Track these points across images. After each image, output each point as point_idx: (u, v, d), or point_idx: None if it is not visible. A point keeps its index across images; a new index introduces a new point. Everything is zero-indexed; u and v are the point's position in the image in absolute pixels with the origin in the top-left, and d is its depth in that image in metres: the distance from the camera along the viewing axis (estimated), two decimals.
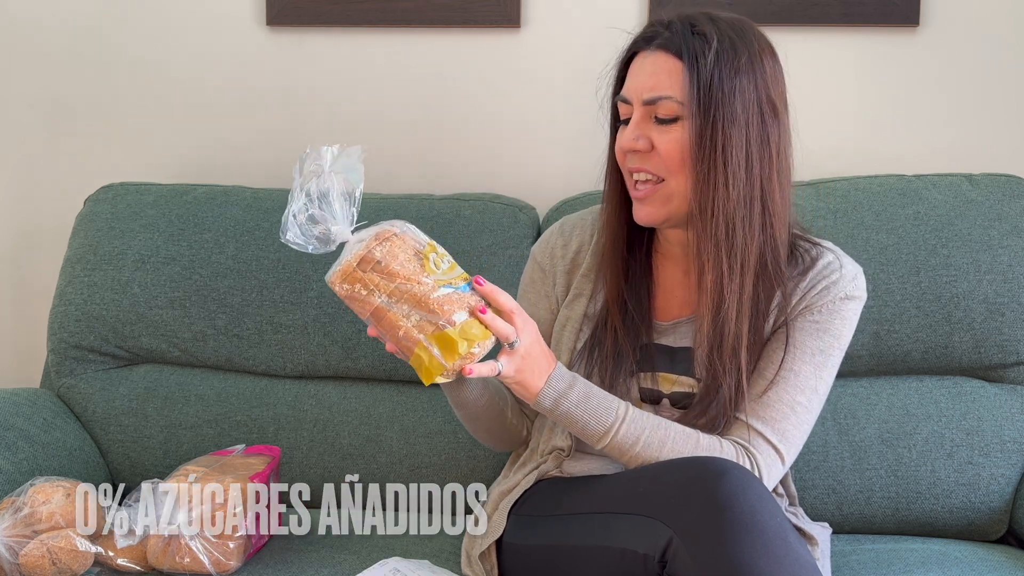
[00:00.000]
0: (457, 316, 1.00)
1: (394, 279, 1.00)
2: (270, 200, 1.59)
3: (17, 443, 1.38)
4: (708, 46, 1.09)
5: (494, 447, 1.30)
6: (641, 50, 1.14)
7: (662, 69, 1.11)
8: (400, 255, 1.01)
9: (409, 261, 1.01)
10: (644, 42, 1.14)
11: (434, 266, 1.01)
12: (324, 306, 1.52)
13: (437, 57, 1.71)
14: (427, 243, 1.04)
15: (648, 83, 1.11)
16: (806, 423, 1.13)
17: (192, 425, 1.52)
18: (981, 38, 1.63)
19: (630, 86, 1.14)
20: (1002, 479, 1.39)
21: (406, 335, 1.00)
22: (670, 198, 1.12)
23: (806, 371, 1.12)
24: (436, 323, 0.99)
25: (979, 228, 1.43)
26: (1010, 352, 1.42)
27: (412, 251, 1.02)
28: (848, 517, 1.41)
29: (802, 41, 1.65)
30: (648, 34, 1.14)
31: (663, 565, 0.97)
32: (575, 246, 1.27)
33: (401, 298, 1.00)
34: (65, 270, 1.59)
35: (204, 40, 1.75)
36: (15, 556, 1.13)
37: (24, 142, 1.82)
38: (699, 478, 0.98)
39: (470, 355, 1.00)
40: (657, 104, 1.10)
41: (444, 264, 1.03)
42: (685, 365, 1.18)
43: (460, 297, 1.01)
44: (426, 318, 0.99)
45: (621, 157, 1.16)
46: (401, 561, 1.20)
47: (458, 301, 1.00)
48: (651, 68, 1.12)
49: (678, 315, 1.21)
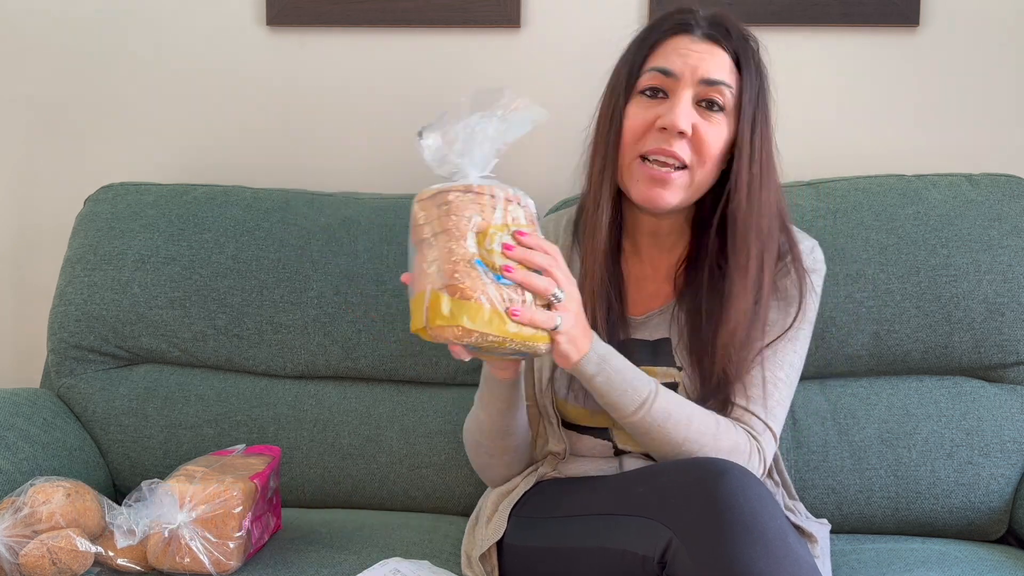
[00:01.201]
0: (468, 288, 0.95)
1: (445, 225, 0.96)
2: (270, 200, 1.59)
3: (17, 443, 1.38)
4: (752, 49, 1.14)
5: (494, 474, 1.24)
6: (684, 33, 1.13)
7: (716, 58, 1.11)
8: (469, 213, 0.96)
9: (470, 223, 0.96)
10: (685, 27, 1.13)
11: (488, 244, 0.96)
12: (324, 306, 1.52)
13: (437, 57, 1.72)
14: (506, 226, 0.98)
15: (706, 66, 1.11)
16: (787, 398, 1.17)
17: (192, 425, 1.52)
18: (981, 38, 1.63)
19: (683, 62, 1.11)
20: (1002, 479, 1.39)
21: (420, 275, 0.98)
22: (689, 187, 1.13)
23: (782, 347, 1.16)
24: (444, 282, 0.95)
25: (979, 228, 1.43)
26: (1010, 352, 1.42)
27: (484, 218, 0.97)
28: (848, 517, 1.41)
29: (802, 41, 1.65)
30: (688, 20, 1.13)
31: (663, 566, 0.97)
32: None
33: (438, 244, 0.97)
34: (65, 270, 1.59)
35: (204, 40, 1.76)
36: (15, 556, 1.13)
37: (24, 142, 1.82)
38: (699, 479, 0.98)
39: (453, 330, 0.95)
40: (716, 87, 1.10)
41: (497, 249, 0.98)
42: (666, 357, 1.18)
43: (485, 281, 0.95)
44: (441, 273, 0.96)
45: (649, 134, 1.12)
46: (401, 562, 1.20)
47: (478, 280, 0.95)
48: (705, 53, 1.11)
49: (648, 308, 1.22)
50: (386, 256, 1.52)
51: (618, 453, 1.20)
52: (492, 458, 1.21)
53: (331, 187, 1.70)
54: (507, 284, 0.96)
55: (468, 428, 1.23)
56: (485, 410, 1.16)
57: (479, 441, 1.21)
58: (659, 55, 1.13)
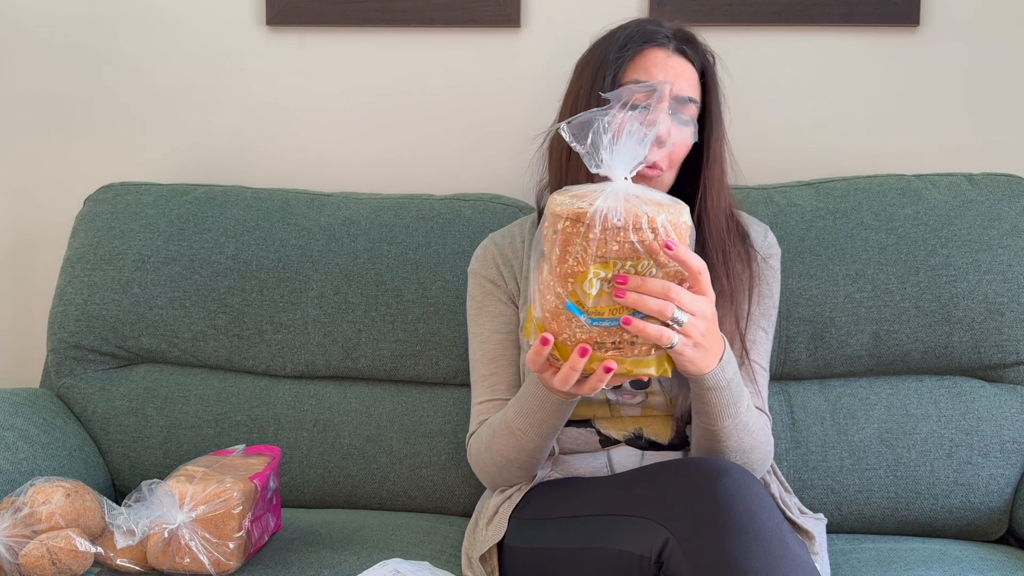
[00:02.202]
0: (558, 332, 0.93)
1: (552, 254, 0.93)
2: (270, 200, 1.59)
3: (17, 443, 1.38)
4: (711, 62, 1.21)
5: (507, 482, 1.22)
6: (658, 47, 1.18)
7: (686, 73, 1.18)
8: (574, 251, 0.91)
9: (569, 261, 0.91)
10: (658, 41, 1.18)
11: (587, 287, 0.92)
12: (324, 306, 1.52)
13: (437, 57, 1.72)
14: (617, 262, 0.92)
15: (681, 83, 1.17)
16: (767, 381, 1.24)
17: (192, 425, 1.52)
18: (981, 38, 1.63)
19: (663, 75, 1.16)
20: (1001, 479, 1.39)
21: (534, 284, 0.97)
22: (663, 188, 1.19)
23: (759, 336, 1.23)
24: (541, 315, 0.95)
25: (979, 228, 1.43)
26: (1010, 352, 1.42)
27: (588, 255, 0.91)
28: (847, 517, 1.41)
29: (802, 41, 1.65)
30: (659, 33, 1.18)
31: (660, 566, 0.97)
32: (510, 254, 1.28)
33: (544, 271, 0.95)
34: (65, 270, 1.59)
35: (204, 40, 1.76)
36: (15, 556, 1.13)
37: (24, 142, 1.82)
38: (697, 479, 0.98)
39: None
40: (686, 105, 1.17)
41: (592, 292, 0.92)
42: None
43: (574, 328, 0.93)
44: (542, 304, 0.95)
45: None
46: (401, 562, 1.20)
47: (567, 326, 0.93)
48: (678, 68, 1.18)
49: None
50: (386, 256, 1.52)
51: (604, 443, 1.21)
52: (523, 472, 1.18)
53: (331, 187, 1.70)
54: (605, 325, 0.92)
55: (496, 447, 1.17)
56: (536, 429, 1.12)
57: (513, 459, 1.16)
58: (637, 68, 1.17)
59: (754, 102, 1.65)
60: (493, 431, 1.18)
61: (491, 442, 1.18)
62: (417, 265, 1.51)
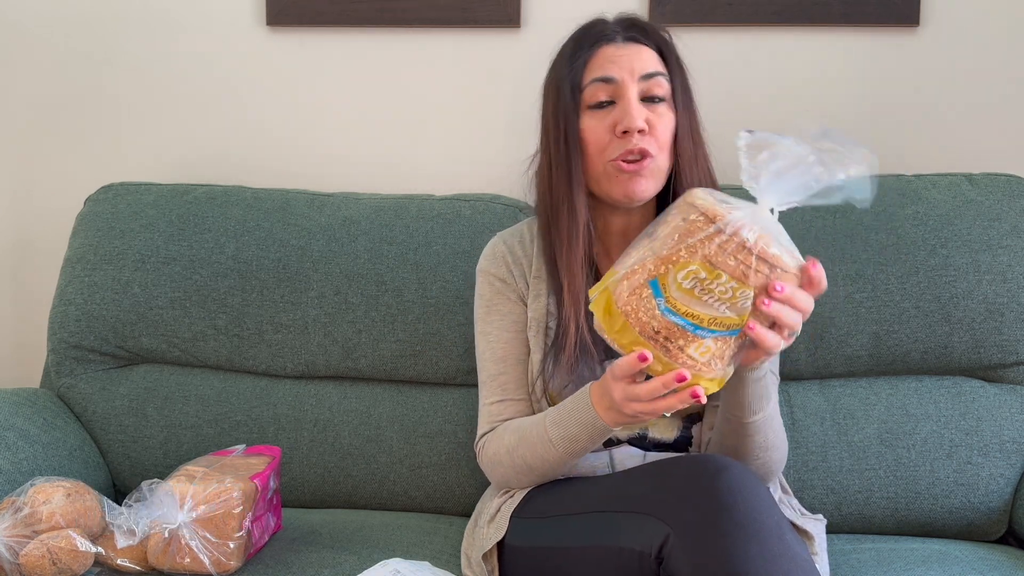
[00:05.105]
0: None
1: (678, 238, 0.92)
2: (270, 200, 1.59)
3: (17, 443, 1.38)
4: (666, 39, 1.22)
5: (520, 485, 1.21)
6: (607, 43, 1.19)
7: (643, 54, 1.19)
8: (694, 242, 0.90)
9: (690, 251, 0.90)
10: (606, 38, 1.20)
11: (679, 277, 0.91)
12: (324, 306, 1.52)
13: (437, 57, 1.72)
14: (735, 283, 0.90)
15: (640, 63, 1.18)
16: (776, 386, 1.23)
17: (192, 425, 1.53)
18: (981, 38, 1.63)
19: (618, 67, 1.17)
20: (1001, 479, 1.39)
21: (631, 257, 0.96)
22: (656, 173, 1.19)
23: None
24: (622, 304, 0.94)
25: (979, 228, 1.43)
26: (1009, 352, 1.43)
27: (705, 260, 0.90)
28: (847, 517, 1.41)
29: (802, 41, 1.65)
30: (605, 31, 1.21)
31: (659, 562, 0.97)
32: (520, 252, 1.28)
33: (659, 246, 0.93)
34: (65, 270, 1.59)
35: (204, 40, 1.76)
36: (15, 556, 1.13)
37: (24, 142, 1.82)
38: (697, 475, 0.99)
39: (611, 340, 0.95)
40: (654, 79, 1.18)
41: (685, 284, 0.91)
42: None
43: (644, 299, 0.93)
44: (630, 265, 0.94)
45: (612, 141, 1.17)
46: (402, 562, 1.20)
47: (639, 298, 0.93)
48: (633, 53, 1.18)
49: None
50: (386, 256, 1.52)
51: (607, 443, 1.21)
52: (540, 480, 1.18)
53: (331, 187, 1.71)
54: (672, 319, 0.92)
55: (520, 452, 1.16)
56: (568, 447, 1.12)
57: (535, 467, 1.16)
58: (594, 68, 1.19)
59: (754, 102, 1.65)
60: (520, 437, 1.17)
61: (516, 447, 1.17)
62: (417, 265, 1.51)
